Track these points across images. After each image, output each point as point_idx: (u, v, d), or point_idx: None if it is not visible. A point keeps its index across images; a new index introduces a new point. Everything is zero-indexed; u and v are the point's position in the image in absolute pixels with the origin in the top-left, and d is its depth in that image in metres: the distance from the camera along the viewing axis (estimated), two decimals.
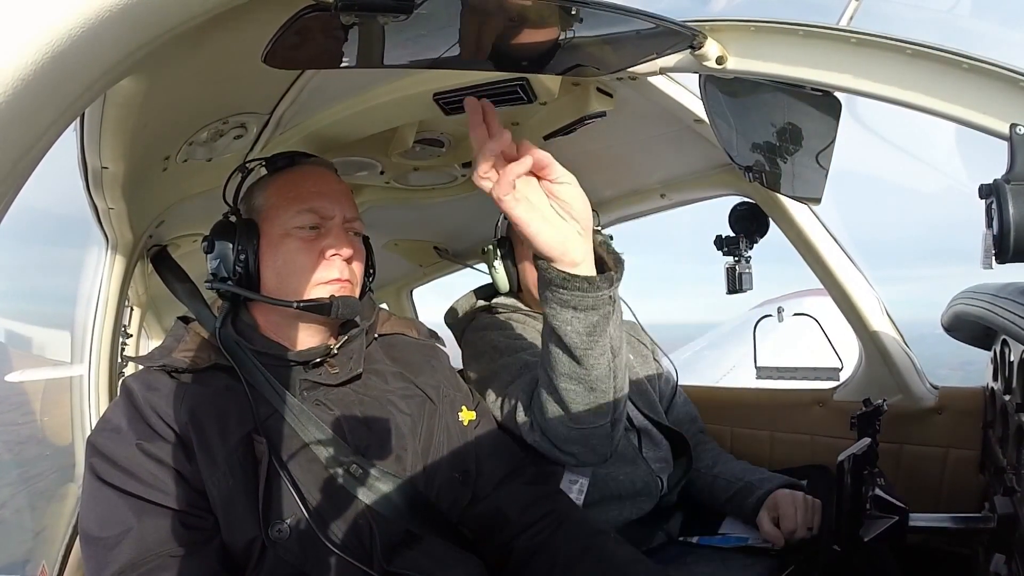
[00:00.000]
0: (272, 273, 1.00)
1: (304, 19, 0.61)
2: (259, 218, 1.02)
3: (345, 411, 0.98)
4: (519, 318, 1.45)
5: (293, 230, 0.99)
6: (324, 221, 1.00)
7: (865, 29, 0.79)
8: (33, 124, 0.41)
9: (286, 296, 0.99)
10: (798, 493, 1.28)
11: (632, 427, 1.41)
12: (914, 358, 1.57)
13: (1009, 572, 0.94)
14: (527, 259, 1.44)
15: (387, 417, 1.01)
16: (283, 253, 0.99)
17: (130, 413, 0.91)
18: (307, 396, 0.98)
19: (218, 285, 1.01)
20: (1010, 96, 0.71)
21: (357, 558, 0.89)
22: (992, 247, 0.67)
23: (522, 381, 1.18)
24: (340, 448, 0.94)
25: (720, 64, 0.88)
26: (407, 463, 0.99)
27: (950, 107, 0.75)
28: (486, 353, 1.35)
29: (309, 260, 0.98)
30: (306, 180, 1.03)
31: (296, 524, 0.88)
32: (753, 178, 1.10)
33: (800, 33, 0.81)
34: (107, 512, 0.85)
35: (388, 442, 0.99)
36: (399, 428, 1.01)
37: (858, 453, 0.91)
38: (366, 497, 0.93)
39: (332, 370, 1.02)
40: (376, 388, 1.04)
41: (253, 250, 0.99)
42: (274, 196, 1.02)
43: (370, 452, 0.97)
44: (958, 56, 0.74)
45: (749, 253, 1.65)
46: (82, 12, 0.39)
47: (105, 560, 0.82)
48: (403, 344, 1.18)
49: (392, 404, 1.03)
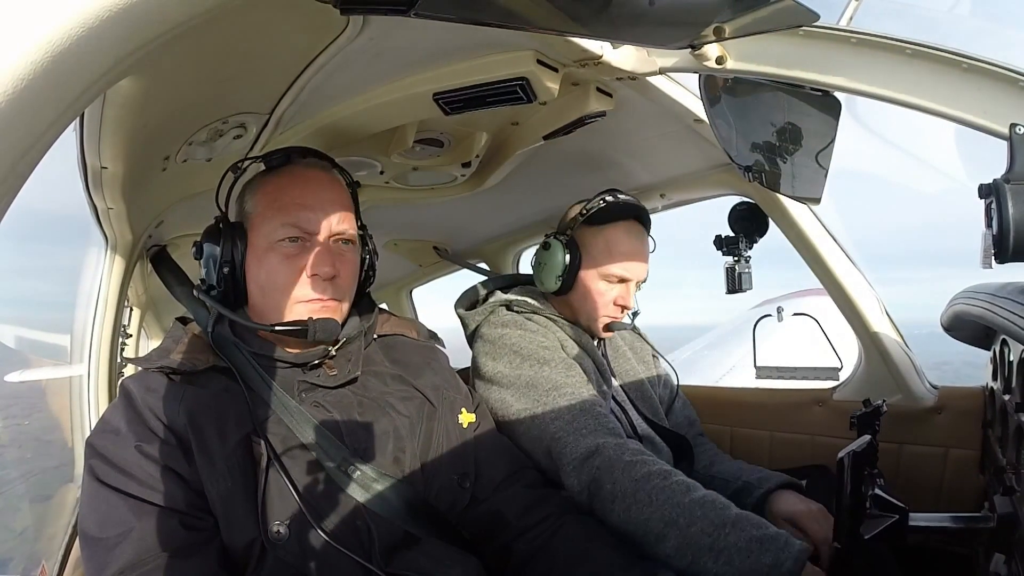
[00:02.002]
0: (256, 287, 0.99)
1: None
2: (248, 223, 1.01)
3: (343, 413, 0.98)
4: (541, 320, 1.43)
5: (276, 244, 0.97)
6: (308, 236, 0.98)
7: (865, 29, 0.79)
8: (33, 124, 0.41)
9: (269, 311, 0.98)
10: (813, 504, 1.26)
11: (635, 434, 1.42)
12: (914, 358, 1.57)
13: (1009, 572, 0.94)
14: (594, 270, 1.41)
15: (385, 419, 1.01)
16: (266, 267, 0.98)
17: (129, 415, 0.91)
18: (305, 398, 0.98)
19: (202, 295, 1.01)
20: (1010, 96, 0.71)
21: (356, 557, 0.89)
22: (992, 247, 0.67)
23: (576, 444, 1.17)
24: (338, 450, 0.94)
25: (720, 64, 0.89)
26: (405, 465, 0.99)
27: (950, 107, 0.75)
28: (505, 355, 1.34)
29: (290, 278, 0.97)
30: (294, 187, 1.00)
31: (295, 525, 0.88)
32: (753, 178, 1.10)
33: (800, 33, 0.81)
34: (106, 513, 0.85)
35: (386, 444, 0.99)
36: (398, 430, 1.01)
37: (858, 450, 0.91)
38: (364, 498, 0.93)
39: (330, 372, 1.02)
40: (374, 390, 1.04)
41: (239, 260, 0.99)
42: (262, 202, 1.01)
43: (368, 454, 0.97)
44: (958, 56, 0.74)
45: (749, 253, 1.65)
46: (82, 12, 0.39)
47: (104, 561, 0.82)
48: (402, 345, 1.17)
49: (390, 406, 1.03)
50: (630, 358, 1.57)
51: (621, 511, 1.08)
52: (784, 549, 0.94)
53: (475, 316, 1.47)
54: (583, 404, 1.24)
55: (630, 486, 1.08)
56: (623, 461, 1.12)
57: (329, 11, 0.64)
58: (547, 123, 1.34)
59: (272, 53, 0.94)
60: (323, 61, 0.98)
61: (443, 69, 1.11)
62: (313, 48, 0.95)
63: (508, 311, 1.46)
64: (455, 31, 1.00)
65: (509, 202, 1.78)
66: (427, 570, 0.93)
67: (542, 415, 1.24)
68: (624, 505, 1.07)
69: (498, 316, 1.44)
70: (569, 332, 1.44)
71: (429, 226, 2.17)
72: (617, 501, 1.08)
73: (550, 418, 1.23)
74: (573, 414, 1.22)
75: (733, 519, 1.00)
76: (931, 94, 0.76)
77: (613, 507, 1.09)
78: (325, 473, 0.93)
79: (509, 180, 1.62)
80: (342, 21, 0.89)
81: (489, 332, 1.41)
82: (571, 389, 1.27)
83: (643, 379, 1.56)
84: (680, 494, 1.05)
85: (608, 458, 1.13)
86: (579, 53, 1.04)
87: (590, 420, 1.22)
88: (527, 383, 1.29)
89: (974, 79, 0.73)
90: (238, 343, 0.98)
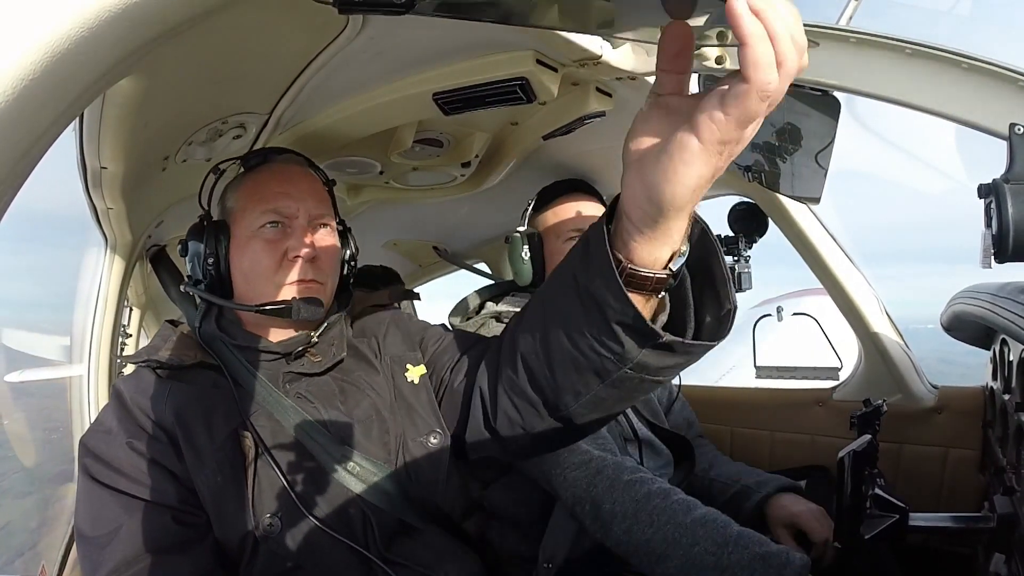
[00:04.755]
0: (240, 275, 1.00)
1: None
2: (230, 220, 1.02)
3: (327, 402, 0.98)
4: None
5: (257, 231, 0.98)
6: (288, 220, 0.99)
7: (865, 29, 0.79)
8: (33, 124, 0.41)
9: (254, 297, 0.99)
10: (812, 505, 1.26)
11: (635, 438, 1.41)
12: (914, 358, 1.57)
13: (1009, 572, 0.94)
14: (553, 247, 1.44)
15: (366, 401, 1.01)
16: (248, 255, 0.99)
17: (120, 413, 0.91)
18: (290, 388, 0.98)
19: (190, 288, 1.02)
20: (1009, 96, 0.71)
21: (354, 544, 0.89)
22: (991, 247, 0.67)
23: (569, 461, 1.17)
24: (326, 439, 0.94)
25: (719, 64, 0.89)
26: (391, 448, 0.98)
27: (949, 107, 0.75)
28: None
29: (272, 262, 0.98)
30: (272, 180, 1.02)
31: (287, 517, 0.88)
32: (752, 178, 1.10)
33: None
34: (99, 511, 0.85)
35: (371, 428, 0.99)
36: (380, 412, 1.00)
37: (858, 450, 0.91)
38: (356, 486, 0.93)
39: (314, 359, 1.02)
40: (355, 374, 1.04)
41: (223, 253, 0.99)
42: (243, 198, 1.02)
43: (355, 441, 0.97)
44: (957, 56, 0.74)
45: (748, 253, 1.65)
46: (82, 13, 0.39)
47: (99, 559, 0.82)
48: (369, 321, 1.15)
49: (371, 388, 1.02)
50: None
51: (621, 532, 1.08)
52: (786, 565, 0.96)
53: (467, 328, 1.48)
54: None
55: (631, 507, 1.09)
56: (622, 481, 1.13)
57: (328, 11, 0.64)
58: (547, 123, 1.34)
59: (271, 53, 0.94)
60: (322, 61, 0.98)
61: (442, 69, 1.11)
62: (312, 48, 0.95)
63: (499, 323, 1.46)
64: (455, 31, 1.00)
65: (509, 202, 1.78)
66: (426, 561, 0.93)
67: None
68: (625, 526, 1.08)
69: (488, 328, 1.45)
70: None
71: (429, 226, 2.17)
72: (617, 521, 1.09)
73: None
74: None
75: (735, 537, 1.02)
76: (931, 94, 0.76)
77: (612, 527, 1.09)
78: (315, 463, 0.93)
79: (509, 180, 1.62)
80: (341, 21, 0.90)
81: None
82: None
83: None
84: (681, 514, 1.06)
85: (607, 477, 1.13)
86: (579, 53, 1.04)
87: None
88: None
89: (974, 79, 0.73)
90: (224, 337, 0.99)
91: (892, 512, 0.94)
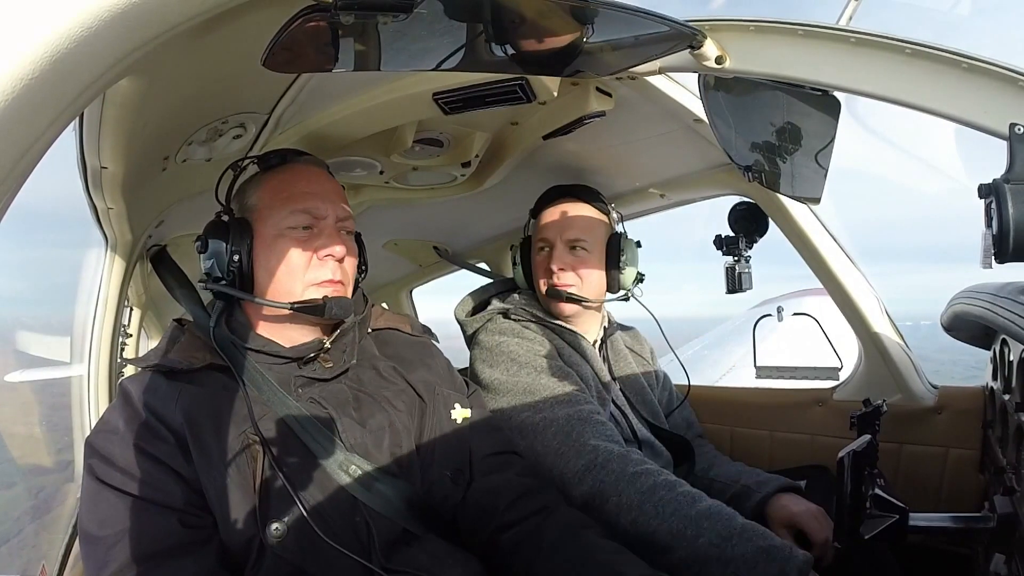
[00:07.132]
0: (266, 273, 1.00)
1: (303, 21, 0.61)
2: (252, 217, 1.02)
3: (340, 409, 0.98)
4: (538, 329, 1.45)
5: (286, 230, 0.99)
6: (317, 221, 1.01)
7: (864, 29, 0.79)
8: (33, 124, 0.41)
9: (279, 296, 1.00)
10: (812, 505, 1.26)
11: (635, 439, 1.41)
12: (914, 358, 1.57)
13: (1009, 572, 0.94)
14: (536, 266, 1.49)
15: (381, 414, 1.01)
16: (276, 253, 0.99)
17: (127, 414, 0.91)
18: (302, 393, 0.98)
19: (212, 285, 1.01)
20: (1009, 96, 0.71)
21: (356, 554, 0.89)
22: (992, 247, 0.67)
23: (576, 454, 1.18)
24: (335, 446, 0.94)
25: (719, 64, 0.89)
26: (403, 460, 0.99)
27: (949, 107, 0.75)
28: (502, 363, 1.36)
29: (302, 260, 0.99)
30: (299, 180, 1.03)
31: (293, 523, 0.88)
32: (753, 178, 1.10)
33: (799, 33, 0.81)
34: (106, 512, 0.85)
35: (383, 440, 0.99)
36: (394, 425, 1.01)
37: (858, 450, 0.91)
38: (362, 495, 0.93)
39: (326, 364, 1.02)
40: (370, 384, 1.04)
41: (247, 250, 1.00)
42: (267, 195, 1.02)
43: (365, 450, 0.97)
44: (957, 56, 0.74)
45: (749, 253, 1.65)
46: (82, 13, 0.39)
47: (104, 560, 0.82)
48: (396, 340, 1.18)
49: (387, 401, 1.03)
50: (630, 361, 1.57)
51: (627, 523, 1.08)
52: (789, 560, 0.96)
53: (473, 323, 1.49)
54: (580, 412, 1.25)
55: (636, 498, 1.09)
56: (628, 472, 1.13)
57: None
58: (547, 123, 1.34)
59: None
60: None
61: None
62: None
63: (505, 319, 1.46)
64: None
65: (509, 202, 1.78)
66: (428, 567, 0.93)
67: (540, 423, 1.25)
68: (630, 517, 1.08)
69: (495, 324, 1.45)
70: (567, 338, 1.44)
71: (429, 226, 2.17)
72: (623, 513, 1.09)
73: (548, 428, 1.24)
74: (572, 424, 1.22)
75: (740, 530, 1.02)
76: (930, 94, 0.76)
77: (618, 519, 1.09)
78: (323, 470, 0.93)
79: (509, 180, 1.62)
80: None
81: (486, 339, 1.42)
82: (568, 397, 1.28)
83: (643, 382, 1.56)
84: (686, 506, 1.06)
85: (612, 470, 1.14)
86: None
87: (588, 428, 1.22)
88: (524, 390, 1.30)
89: (974, 79, 0.73)
90: (235, 340, 0.99)
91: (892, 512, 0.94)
